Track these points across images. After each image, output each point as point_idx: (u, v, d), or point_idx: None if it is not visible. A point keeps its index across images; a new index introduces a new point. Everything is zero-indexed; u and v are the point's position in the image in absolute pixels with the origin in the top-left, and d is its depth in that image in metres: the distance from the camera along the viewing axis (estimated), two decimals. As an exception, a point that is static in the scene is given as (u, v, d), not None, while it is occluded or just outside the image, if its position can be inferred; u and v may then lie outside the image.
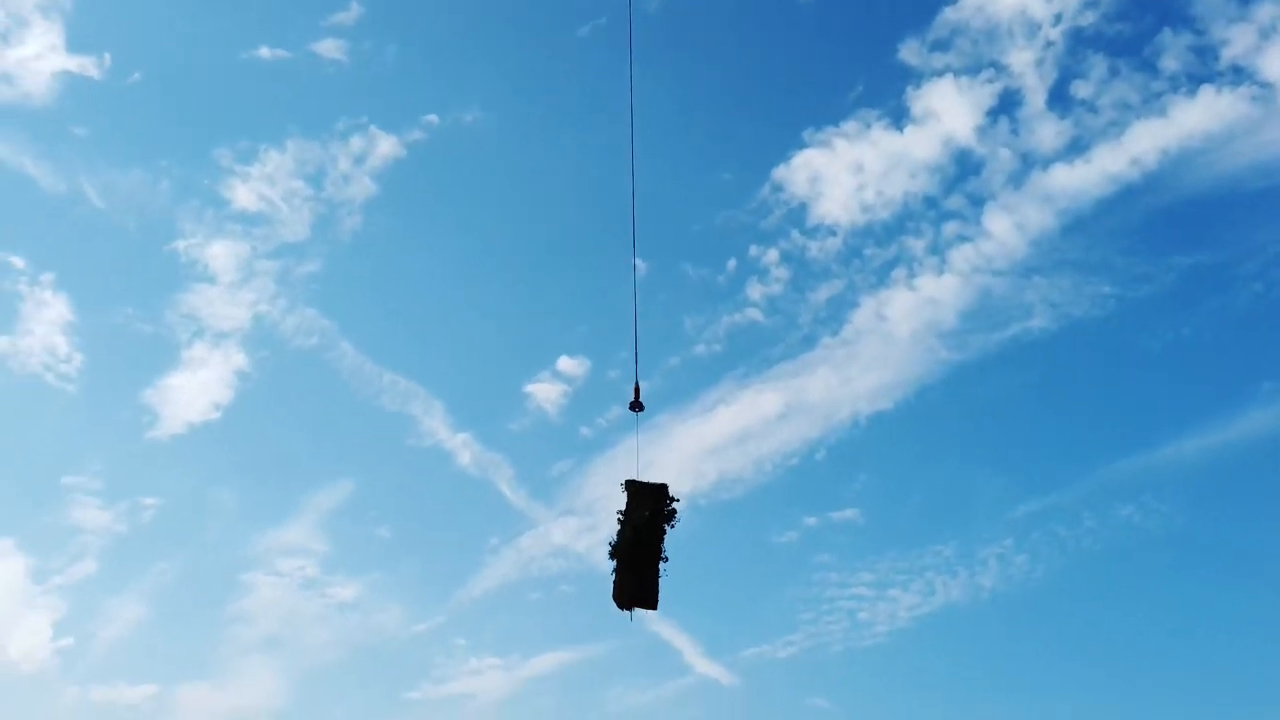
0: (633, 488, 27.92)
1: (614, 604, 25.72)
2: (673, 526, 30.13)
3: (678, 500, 30.94)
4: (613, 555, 27.70)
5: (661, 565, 32.64)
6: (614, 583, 25.23)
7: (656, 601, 28.28)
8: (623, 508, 28.16)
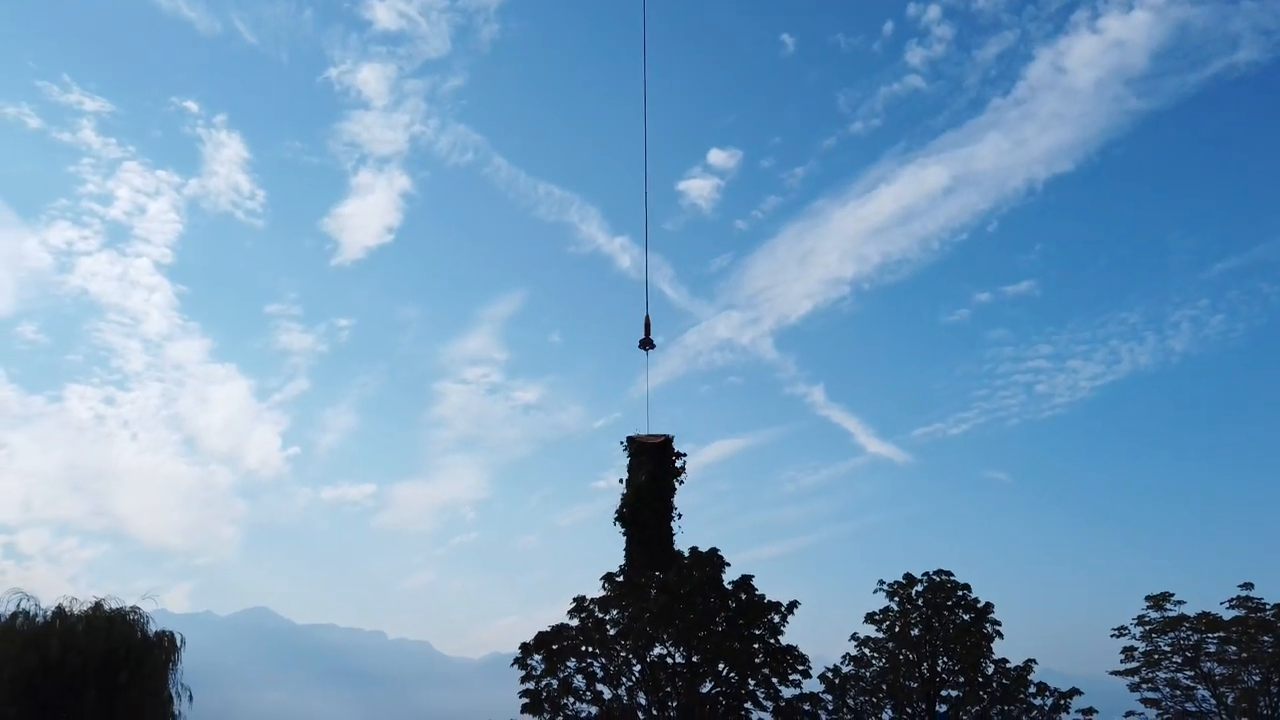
0: (633, 446, 26.95)
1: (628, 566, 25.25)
2: (681, 482, 29.21)
3: (685, 455, 30.09)
4: (618, 520, 27.22)
5: (675, 523, 31.89)
6: (625, 549, 24.82)
7: (670, 564, 28.27)
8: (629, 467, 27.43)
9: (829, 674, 31.48)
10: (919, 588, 31.16)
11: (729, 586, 34.04)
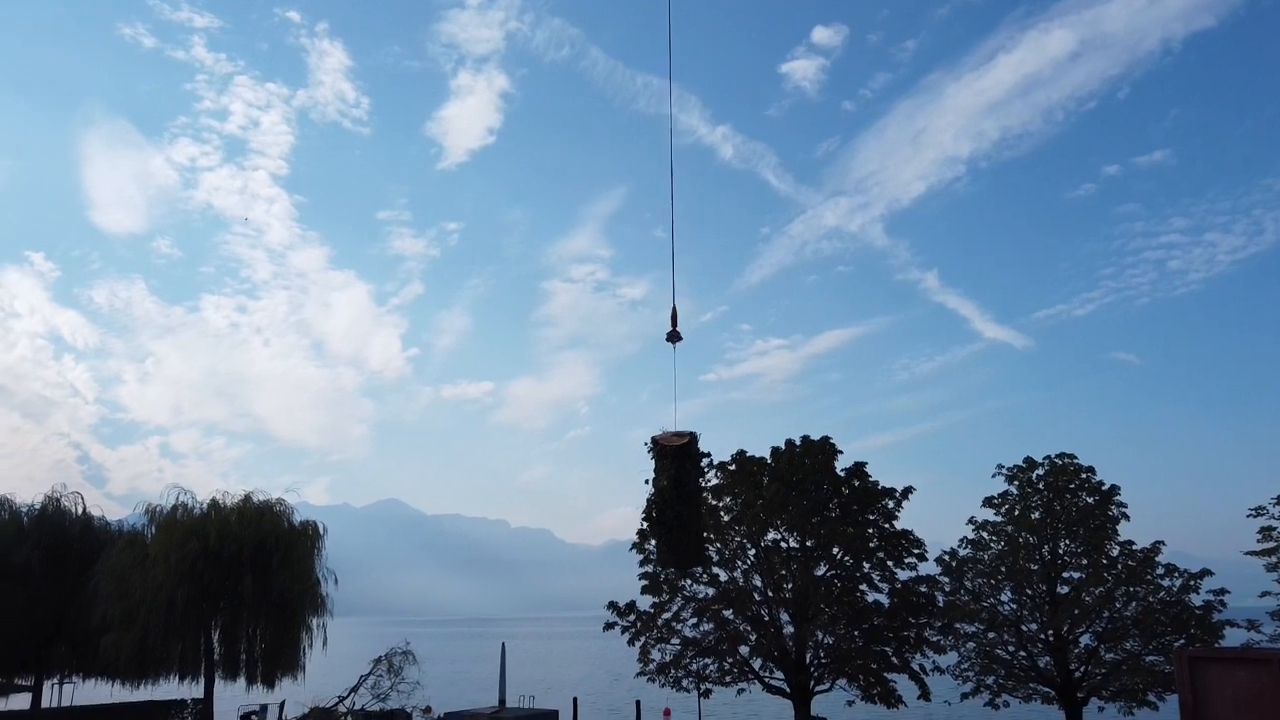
0: (656, 449, 27.43)
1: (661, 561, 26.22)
2: (707, 481, 29.84)
3: (709, 455, 30.38)
4: (645, 519, 28.08)
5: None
6: (655, 547, 25.50)
7: (700, 562, 29.07)
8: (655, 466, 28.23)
9: (945, 557, 31.38)
10: (1040, 471, 30.41)
11: (841, 474, 34.06)
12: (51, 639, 48.21)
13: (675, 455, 29.03)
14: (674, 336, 27.69)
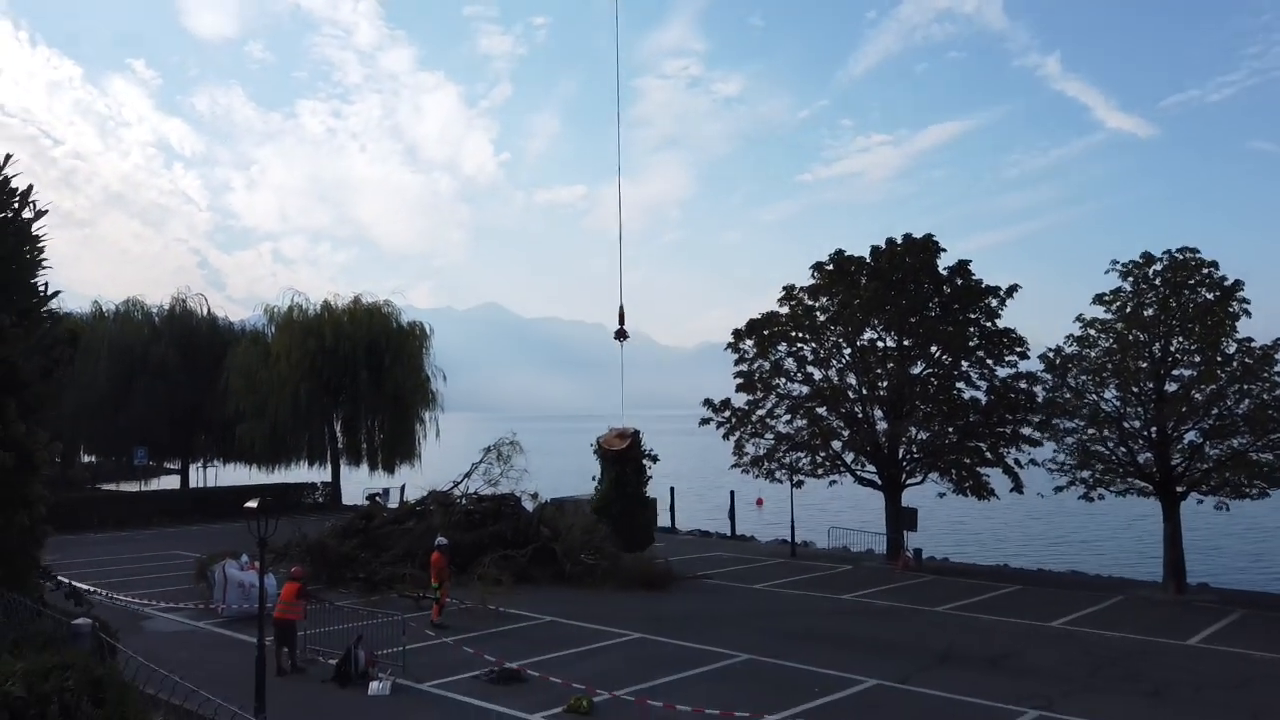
0: (600, 450, 28.50)
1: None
2: (649, 477, 32.22)
3: (651, 451, 31.94)
4: (593, 510, 29.91)
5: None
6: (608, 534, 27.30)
7: (647, 546, 30.24)
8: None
9: (1050, 354, 30.70)
10: (1158, 266, 28.85)
11: (944, 273, 33.15)
12: (192, 428, 52.70)
13: (616, 459, 30.82)
14: (620, 335, 28.01)
